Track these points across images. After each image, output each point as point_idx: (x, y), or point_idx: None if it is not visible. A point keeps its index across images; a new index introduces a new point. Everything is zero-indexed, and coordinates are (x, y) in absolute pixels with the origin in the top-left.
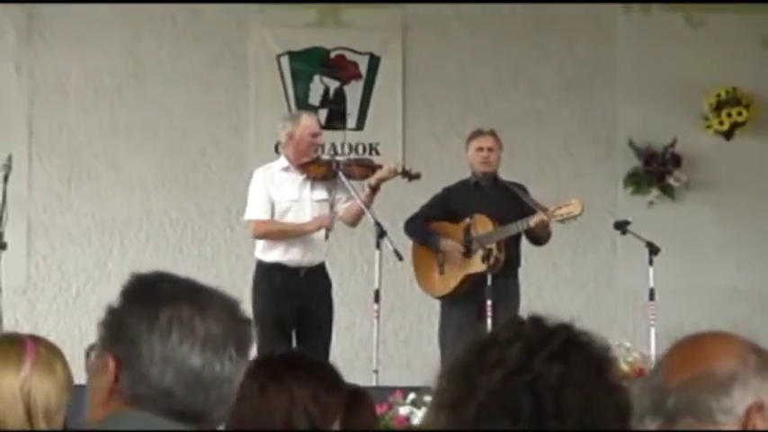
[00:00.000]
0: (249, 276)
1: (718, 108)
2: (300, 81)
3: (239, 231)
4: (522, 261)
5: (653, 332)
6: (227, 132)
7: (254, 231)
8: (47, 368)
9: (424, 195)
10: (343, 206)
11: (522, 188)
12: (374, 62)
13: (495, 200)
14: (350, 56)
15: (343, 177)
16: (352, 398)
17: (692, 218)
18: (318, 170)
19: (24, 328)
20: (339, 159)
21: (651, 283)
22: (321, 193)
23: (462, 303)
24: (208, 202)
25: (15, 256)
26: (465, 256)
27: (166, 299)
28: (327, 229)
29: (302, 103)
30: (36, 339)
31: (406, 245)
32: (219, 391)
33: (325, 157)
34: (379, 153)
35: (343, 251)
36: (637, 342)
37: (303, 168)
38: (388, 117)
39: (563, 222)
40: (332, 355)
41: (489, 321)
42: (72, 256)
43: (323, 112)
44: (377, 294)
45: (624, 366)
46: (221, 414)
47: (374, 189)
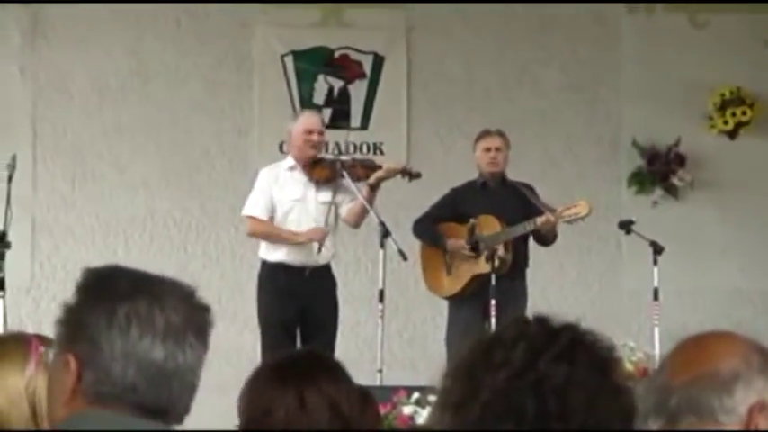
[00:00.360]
0: (254, 276)
1: (723, 108)
2: (305, 81)
3: (243, 231)
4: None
5: (657, 332)
6: (231, 132)
7: (248, 228)
8: None
9: (427, 195)
10: (347, 206)
11: (531, 188)
12: (378, 62)
13: (503, 200)
14: (354, 55)
15: (347, 179)
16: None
17: (696, 218)
18: (322, 173)
19: (29, 328)
20: (343, 159)
21: (655, 283)
22: (326, 195)
23: (470, 304)
24: (212, 202)
25: (20, 256)
26: (473, 257)
27: (123, 293)
28: (320, 243)
29: (306, 102)
30: (41, 338)
31: (410, 245)
32: (183, 382)
33: (329, 157)
34: (383, 153)
35: (347, 251)
36: (641, 342)
37: (308, 171)
38: (393, 117)
39: (570, 223)
40: (336, 355)
41: (493, 321)
42: (76, 255)
43: (327, 112)
44: (381, 294)
45: (628, 366)
46: (186, 405)
47: (373, 188)
